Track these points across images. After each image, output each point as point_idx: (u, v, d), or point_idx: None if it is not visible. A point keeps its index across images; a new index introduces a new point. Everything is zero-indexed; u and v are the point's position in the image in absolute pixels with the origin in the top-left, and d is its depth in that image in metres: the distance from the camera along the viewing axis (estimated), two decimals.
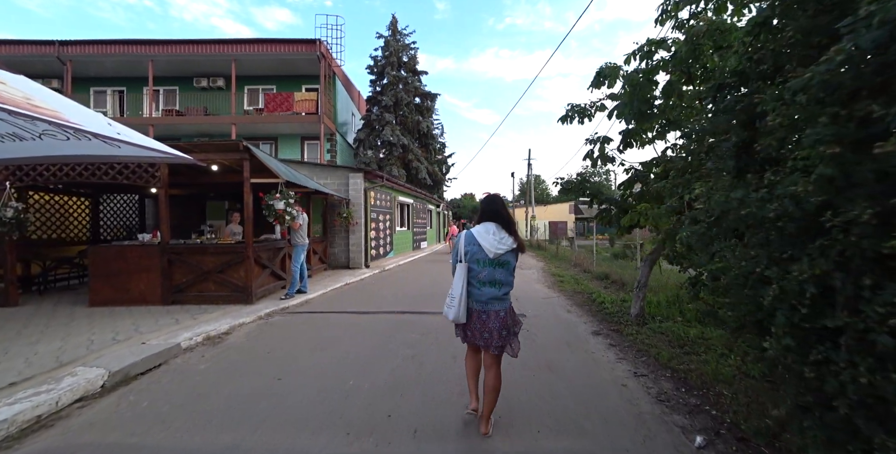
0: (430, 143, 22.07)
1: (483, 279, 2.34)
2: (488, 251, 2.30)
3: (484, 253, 2.31)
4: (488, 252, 2.30)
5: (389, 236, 13.44)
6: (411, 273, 10.77)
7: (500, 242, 2.31)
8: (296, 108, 16.91)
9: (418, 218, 18.08)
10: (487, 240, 2.32)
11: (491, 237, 2.32)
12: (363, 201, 11.03)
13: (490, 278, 2.33)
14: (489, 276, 2.33)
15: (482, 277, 2.34)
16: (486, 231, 2.36)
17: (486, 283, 2.33)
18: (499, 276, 2.34)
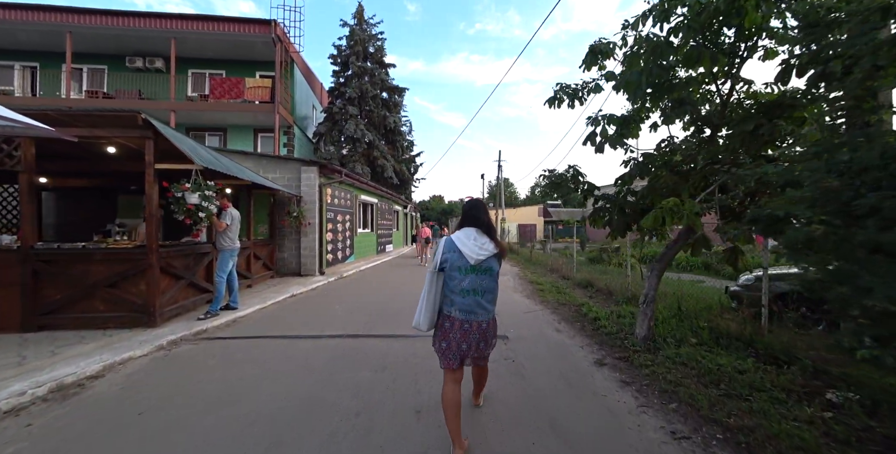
0: (397, 140, 20.78)
1: (466, 287, 2.20)
2: (469, 257, 2.18)
3: (465, 259, 2.19)
4: (469, 258, 2.18)
5: (349, 239, 12.09)
6: (372, 280, 9.51)
7: (482, 248, 2.20)
8: (247, 96, 15.23)
9: (383, 219, 16.78)
10: (468, 246, 2.20)
11: (472, 243, 2.21)
12: (318, 199, 9.66)
13: (473, 286, 2.20)
14: (472, 284, 2.20)
15: (465, 286, 2.20)
16: (466, 237, 2.24)
17: (470, 292, 2.20)
18: (483, 284, 2.23)
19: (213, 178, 5.25)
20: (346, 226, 11.73)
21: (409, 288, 8.17)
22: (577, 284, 8.54)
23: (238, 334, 4.64)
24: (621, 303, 6.19)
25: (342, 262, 11.43)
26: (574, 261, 9.86)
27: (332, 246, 10.58)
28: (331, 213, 10.47)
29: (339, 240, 11.07)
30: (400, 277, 10.07)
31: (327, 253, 10.18)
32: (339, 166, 11.93)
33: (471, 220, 2.31)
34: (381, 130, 19.82)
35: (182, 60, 16.32)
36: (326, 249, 10.09)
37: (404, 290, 7.86)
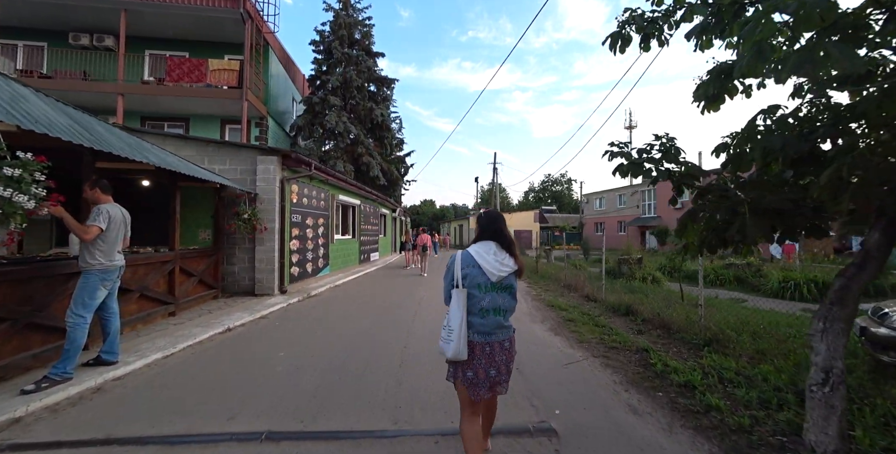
0: (384, 136, 18.76)
1: (486, 306, 1.98)
2: (490, 274, 1.98)
3: (485, 276, 1.98)
4: (490, 275, 1.98)
5: (324, 247, 10.02)
6: (348, 301, 7.45)
7: (503, 264, 2.00)
8: (211, 80, 13.14)
9: (368, 223, 14.72)
10: (489, 262, 1.99)
11: (492, 258, 2.00)
12: (278, 197, 7.60)
13: (494, 305, 2.00)
14: (492, 303, 1.99)
15: (484, 305, 1.98)
16: (486, 251, 2.04)
17: (490, 311, 1.99)
18: (503, 302, 2.03)
19: (104, 161, 3.18)
20: (318, 231, 9.66)
21: (397, 314, 6.15)
22: (610, 309, 6.62)
23: (72, 433, 2.55)
24: (701, 347, 4.28)
25: (313, 276, 9.34)
26: (602, 278, 7.95)
27: (299, 256, 8.51)
28: (297, 216, 8.40)
29: (308, 249, 9.00)
30: (384, 294, 8.04)
31: (291, 265, 8.10)
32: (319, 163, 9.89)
33: (491, 234, 2.10)
34: (366, 125, 17.80)
35: (138, 40, 14.21)
36: (290, 261, 8.01)
37: (388, 318, 5.84)
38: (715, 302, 8.04)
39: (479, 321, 1.99)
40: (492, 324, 1.99)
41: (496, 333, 2.01)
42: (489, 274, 1.98)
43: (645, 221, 31.90)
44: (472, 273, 2.00)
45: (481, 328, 1.99)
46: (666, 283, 10.64)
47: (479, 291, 1.99)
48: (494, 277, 1.98)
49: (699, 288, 5.01)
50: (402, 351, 4.33)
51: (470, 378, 1.98)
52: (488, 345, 1.98)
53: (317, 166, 8.44)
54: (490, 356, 1.99)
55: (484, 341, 1.98)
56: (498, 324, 2.01)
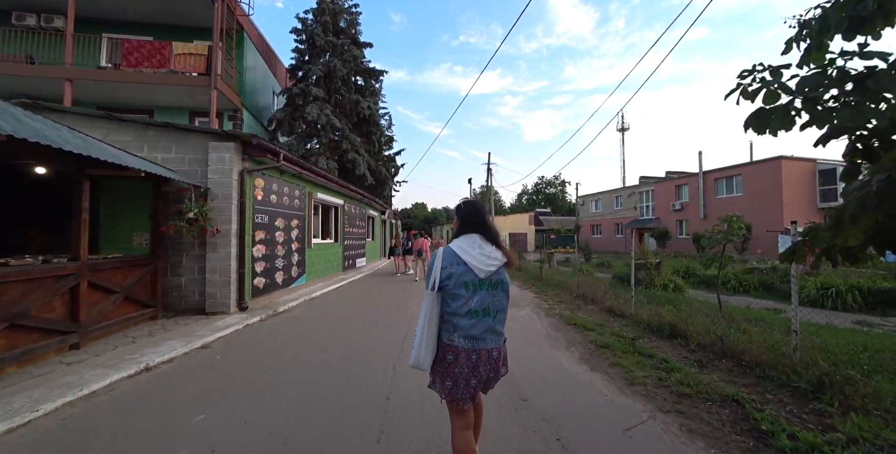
0: (372, 132, 17.37)
1: (474, 308, 1.75)
2: (478, 270, 1.76)
3: (473, 273, 1.77)
4: (478, 271, 1.76)
5: (298, 252, 8.60)
6: (324, 320, 6.04)
7: (490, 257, 1.79)
8: (175, 65, 11.69)
9: (353, 226, 13.31)
10: (474, 257, 1.78)
11: (477, 252, 1.79)
12: (236, 193, 6.20)
13: (483, 305, 1.76)
14: (482, 303, 1.76)
15: (473, 305, 1.75)
16: (470, 245, 1.82)
17: (479, 313, 1.75)
18: (495, 302, 1.80)
19: None
20: (291, 234, 8.25)
21: (382, 337, 4.78)
22: (646, 328, 5.34)
23: None
24: (810, 395, 3.00)
25: (284, 287, 7.92)
26: (625, 288, 6.69)
27: (266, 264, 7.08)
28: (263, 216, 6.99)
29: (277, 256, 7.57)
30: (369, 308, 6.65)
31: (254, 276, 6.67)
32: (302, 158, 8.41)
33: (473, 225, 1.89)
34: (352, 119, 16.40)
35: (95, 22, 12.76)
36: (252, 270, 6.58)
37: (371, 343, 4.46)
38: (749, 313, 6.87)
39: (466, 323, 1.75)
40: (482, 328, 1.76)
41: (486, 339, 1.77)
42: (476, 270, 1.76)
43: (643, 223, 30.98)
44: (457, 271, 1.78)
45: (470, 332, 1.75)
46: (689, 291, 9.44)
47: (466, 291, 1.76)
48: (483, 273, 1.77)
49: (793, 306, 3.74)
50: (385, 403, 2.98)
51: (450, 388, 1.77)
52: (475, 352, 1.75)
53: (286, 156, 7.05)
54: (474, 366, 1.75)
55: (471, 348, 1.75)
56: (489, 327, 1.77)
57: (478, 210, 1.95)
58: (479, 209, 1.96)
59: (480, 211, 1.95)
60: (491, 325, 1.78)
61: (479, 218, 1.91)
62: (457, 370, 1.75)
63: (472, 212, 1.93)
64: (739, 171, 23.69)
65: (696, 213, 26.28)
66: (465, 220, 1.92)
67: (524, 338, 5.00)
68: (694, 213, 26.58)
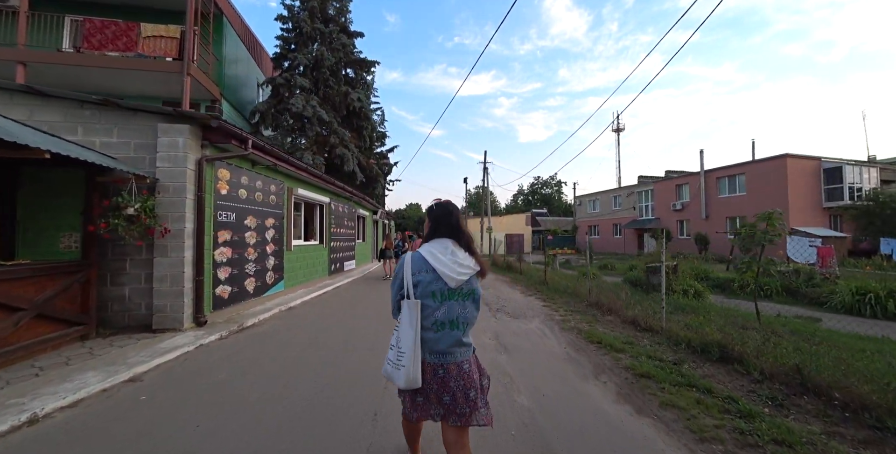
0: (363, 127, 16.34)
1: (441, 319, 1.61)
2: (448, 278, 1.61)
3: (442, 282, 1.62)
4: (448, 280, 1.61)
5: (275, 256, 7.58)
6: (299, 337, 5.03)
7: (461, 265, 1.64)
8: (143, 49, 10.62)
9: (341, 226, 12.29)
10: (445, 264, 1.62)
11: (448, 259, 1.64)
12: (193, 185, 5.18)
13: (450, 317, 1.62)
14: (449, 314, 1.62)
15: (439, 316, 1.61)
16: (441, 251, 1.67)
17: (446, 325, 1.61)
18: (463, 313, 1.65)
19: None
20: (266, 235, 7.23)
21: (367, 361, 3.78)
22: (685, 348, 4.41)
23: None
24: None
25: (257, 296, 6.89)
26: (662, 300, 5.79)
27: (233, 270, 6.06)
28: (229, 214, 5.98)
29: (248, 260, 6.55)
30: (354, 320, 5.63)
31: (217, 284, 5.65)
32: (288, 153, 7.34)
33: (445, 229, 1.74)
34: (341, 112, 15.36)
35: (57, 1, 11.67)
36: (214, 277, 5.56)
37: (352, 371, 3.46)
38: (787, 324, 6.01)
39: (432, 337, 1.62)
40: (448, 341, 1.62)
41: (453, 352, 1.63)
42: (447, 279, 1.61)
43: (642, 224, 30.29)
44: (426, 279, 1.63)
45: (435, 346, 1.61)
46: (710, 297, 8.58)
47: (433, 301, 1.62)
48: (453, 282, 1.61)
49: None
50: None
51: (420, 403, 1.67)
52: (442, 367, 1.61)
53: (256, 144, 6.03)
54: (443, 381, 1.61)
55: (437, 363, 1.61)
56: (455, 340, 1.63)
57: (450, 212, 1.79)
58: (451, 211, 1.79)
59: (454, 213, 1.79)
60: (458, 338, 1.64)
61: (451, 220, 1.75)
62: (426, 386, 1.62)
63: (444, 214, 1.77)
64: (743, 169, 23.05)
65: (698, 213, 25.61)
66: (436, 223, 1.76)
67: (541, 364, 4.04)
68: (695, 212, 25.92)
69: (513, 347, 4.64)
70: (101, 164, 4.14)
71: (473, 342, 1.76)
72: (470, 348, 1.70)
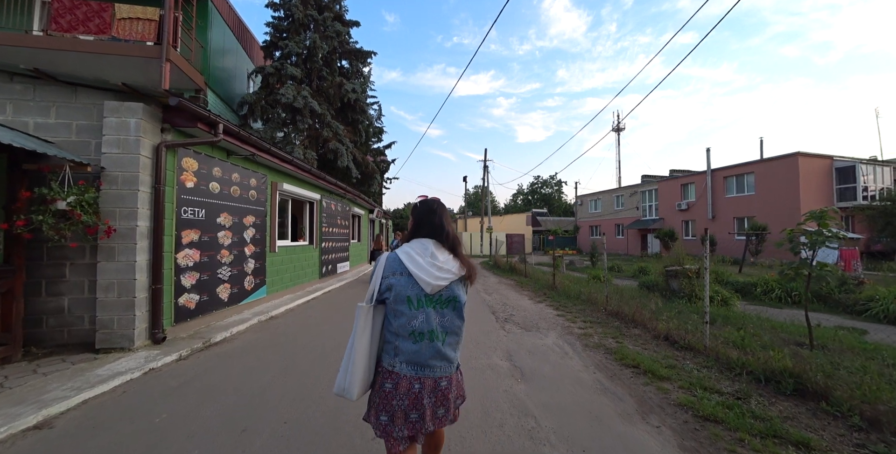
0: (358, 120, 15.49)
1: (418, 328, 1.44)
2: (424, 283, 1.44)
3: (417, 286, 1.46)
4: (425, 285, 1.44)
5: (255, 259, 6.74)
6: (275, 357, 4.19)
7: (441, 268, 1.47)
8: (118, 32, 9.78)
9: (333, 225, 11.45)
10: (422, 267, 1.46)
11: (426, 261, 1.47)
12: (148, 175, 4.34)
13: (430, 326, 1.45)
14: (427, 323, 1.45)
15: (417, 325, 1.44)
16: (420, 252, 1.51)
17: (425, 335, 1.44)
18: (443, 322, 1.48)
19: None
20: (245, 235, 6.39)
21: None
22: (749, 377, 3.61)
23: None
24: None
25: (233, 304, 6.05)
26: (706, 314, 5.00)
27: (202, 275, 5.22)
28: (196, 210, 5.14)
29: (222, 264, 5.71)
30: (343, 334, 4.78)
31: (182, 292, 4.81)
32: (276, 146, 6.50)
33: (427, 228, 1.58)
34: (335, 104, 14.51)
35: None
36: (177, 285, 4.72)
37: (329, 414, 2.66)
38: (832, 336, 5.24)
39: (409, 347, 1.45)
40: (427, 353, 1.45)
41: (432, 366, 1.46)
42: (423, 283, 1.44)
43: (646, 224, 29.57)
44: (400, 283, 1.46)
45: (413, 357, 1.45)
46: (738, 305, 7.79)
47: (408, 307, 1.45)
48: (430, 287, 1.44)
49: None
50: None
51: (384, 423, 1.44)
52: (418, 381, 1.44)
53: (229, 129, 5.19)
54: (416, 397, 1.42)
55: (413, 375, 1.44)
56: (435, 352, 1.46)
57: (433, 210, 1.61)
58: (434, 209, 1.61)
59: (437, 211, 1.61)
60: (439, 350, 1.46)
61: (434, 219, 1.58)
62: (395, 402, 1.43)
63: (427, 212, 1.60)
64: (751, 168, 22.33)
65: (704, 213, 24.90)
66: (418, 222, 1.60)
67: (570, 397, 3.23)
68: (701, 212, 25.21)
69: (531, 372, 3.83)
70: (24, 148, 3.30)
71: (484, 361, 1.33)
72: (453, 365, 1.53)
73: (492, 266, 17.78)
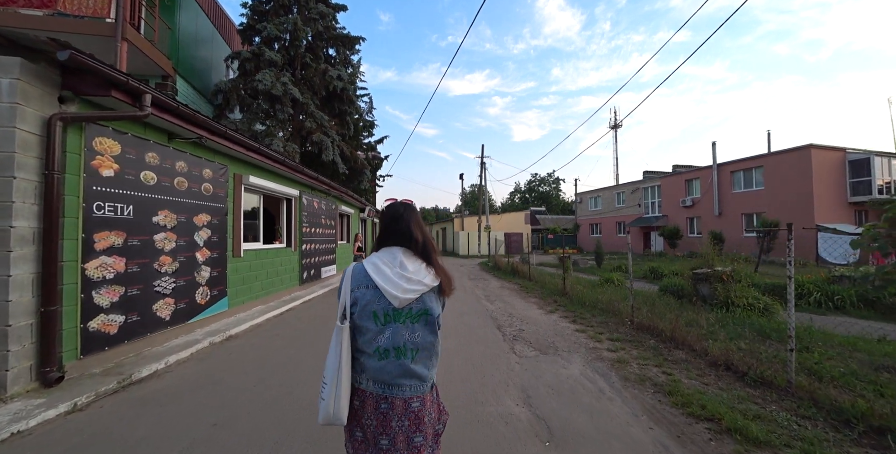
0: (346, 112, 14.30)
1: (384, 345, 1.25)
2: (392, 296, 1.24)
3: (384, 300, 1.25)
4: (392, 298, 1.24)
5: (213, 266, 5.58)
6: (223, 401, 3.06)
7: (411, 280, 1.26)
8: (65, 6, 8.63)
9: (316, 225, 10.27)
10: (388, 279, 1.26)
11: (394, 272, 1.27)
12: (34, 157, 3.18)
13: (397, 343, 1.25)
14: (394, 339, 1.25)
15: (382, 343, 1.25)
16: (388, 262, 1.30)
17: (391, 352, 1.24)
18: (414, 338, 1.27)
19: None
20: (195, 237, 5.23)
21: None
22: (879, 434, 2.52)
23: None
24: None
25: (178, 324, 4.89)
26: (790, 339, 3.91)
27: (129, 289, 4.06)
28: (117, 206, 3.97)
29: (161, 274, 4.55)
30: (320, 355, 3.65)
31: (98, 313, 3.65)
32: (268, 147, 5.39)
33: (394, 236, 1.36)
34: (320, 93, 13.32)
35: None
36: (88, 304, 3.55)
37: None
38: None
39: (375, 365, 1.25)
40: (394, 371, 1.25)
41: (400, 385, 1.25)
42: (389, 296, 1.25)
43: (648, 221, 28.61)
44: (366, 297, 1.26)
45: (378, 375, 1.25)
46: (781, 312, 6.72)
47: (374, 323, 1.25)
48: (398, 301, 1.24)
49: None
50: None
51: (359, 439, 1.27)
52: (385, 400, 1.24)
53: (160, 101, 4.02)
54: (384, 418, 1.23)
55: (380, 394, 1.25)
56: (403, 370, 1.25)
57: (399, 215, 1.38)
58: (401, 214, 1.38)
59: (403, 216, 1.38)
60: (408, 369, 1.25)
61: (400, 226, 1.35)
62: (364, 421, 1.26)
63: (392, 217, 1.37)
64: (760, 162, 21.37)
65: (710, 210, 23.94)
66: (383, 229, 1.39)
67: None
68: (707, 209, 24.25)
69: (561, 428, 2.72)
70: None
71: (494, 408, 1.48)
72: (426, 383, 1.28)
73: (492, 267, 16.68)
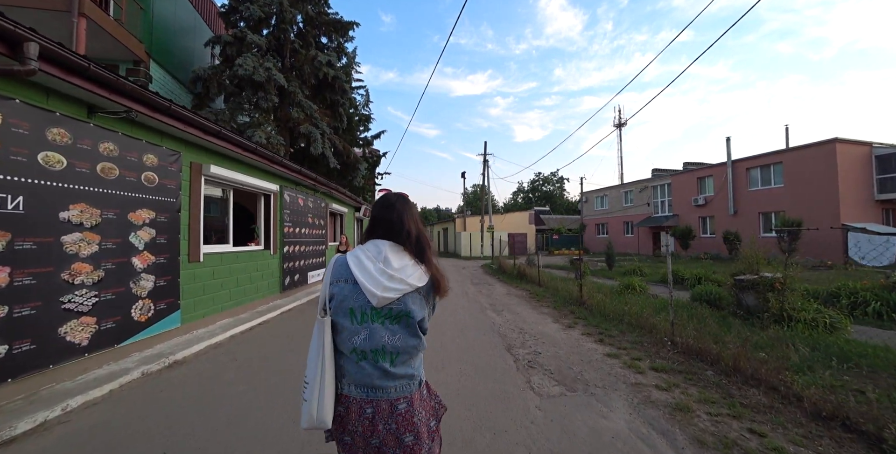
0: (338, 102, 13.24)
1: (360, 346, 1.15)
2: (370, 293, 1.13)
3: (363, 297, 1.14)
4: (370, 296, 1.13)
5: (159, 274, 4.55)
6: None
7: (392, 278, 1.14)
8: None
9: (302, 225, 9.23)
10: (369, 274, 1.14)
11: (376, 267, 1.16)
12: None
13: (373, 344, 1.14)
14: (373, 341, 1.14)
15: (358, 343, 1.15)
16: (372, 256, 1.19)
17: (368, 354, 1.14)
18: (392, 341, 1.15)
19: None
20: (132, 239, 4.20)
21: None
22: None
23: None
24: None
25: (102, 349, 3.86)
26: None
27: (19, 309, 3.03)
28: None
29: (73, 286, 3.51)
30: (289, 389, 2.66)
31: None
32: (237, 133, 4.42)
33: (383, 227, 1.25)
34: (309, 82, 12.30)
35: None
36: None
37: None
38: None
39: (352, 368, 1.16)
40: (372, 374, 1.15)
41: (382, 387, 1.15)
42: (368, 294, 1.13)
43: (658, 221, 27.43)
44: (343, 292, 1.16)
45: (357, 378, 1.15)
46: (850, 329, 5.61)
47: (350, 321, 1.15)
48: (376, 299, 1.12)
49: None
50: None
51: (348, 443, 1.16)
52: (370, 404, 1.14)
53: (55, 54, 2.98)
54: (371, 422, 1.13)
55: (363, 398, 1.14)
56: (382, 372, 1.15)
57: (391, 205, 1.28)
58: (392, 203, 1.28)
59: (395, 206, 1.27)
60: (385, 369, 1.14)
61: (391, 215, 1.24)
62: (349, 427, 1.14)
63: (382, 207, 1.27)
64: (780, 158, 20.20)
65: (725, 209, 22.78)
66: (373, 220, 1.28)
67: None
68: (721, 208, 23.08)
69: None
70: None
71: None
72: (412, 381, 1.18)
73: (496, 270, 15.59)
